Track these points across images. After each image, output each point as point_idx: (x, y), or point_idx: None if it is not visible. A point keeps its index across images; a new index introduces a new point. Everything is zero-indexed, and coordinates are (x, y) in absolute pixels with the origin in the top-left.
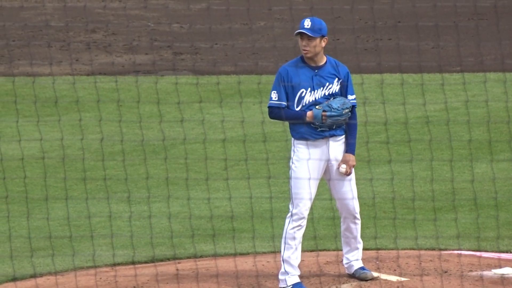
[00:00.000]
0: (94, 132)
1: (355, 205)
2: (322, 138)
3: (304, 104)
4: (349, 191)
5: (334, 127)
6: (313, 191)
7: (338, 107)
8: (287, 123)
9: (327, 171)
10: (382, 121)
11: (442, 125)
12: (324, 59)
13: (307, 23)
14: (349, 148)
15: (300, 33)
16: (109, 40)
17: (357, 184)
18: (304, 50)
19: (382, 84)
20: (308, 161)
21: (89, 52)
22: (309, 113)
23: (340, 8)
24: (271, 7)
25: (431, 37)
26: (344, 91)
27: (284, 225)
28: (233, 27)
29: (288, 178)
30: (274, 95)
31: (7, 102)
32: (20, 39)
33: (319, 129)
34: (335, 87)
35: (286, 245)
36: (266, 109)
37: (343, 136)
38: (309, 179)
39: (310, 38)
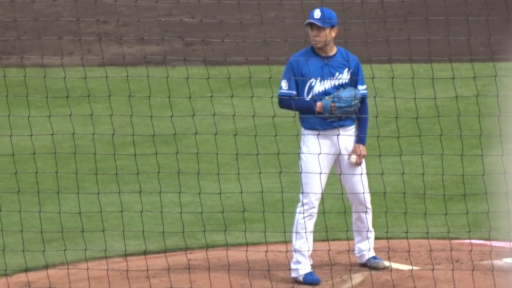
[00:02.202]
0: (106, 123)
1: (366, 196)
2: (332, 129)
3: (314, 94)
4: (359, 181)
5: (343, 118)
6: (323, 181)
7: (347, 97)
8: (298, 114)
9: (337, 162)
10: (392, 111)
11: (452, 115)
12: (335, 50)
13: (317, 13)
14: (360, 139)
15: (310, 23)
16: (121, 31)
17: (367, 173)
18: (314, 40)
19: (392, 74)
20: (318, 152)
21: (100, 43)
22: (318, 103)
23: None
24: (281, 1)
25: (441, 27)
26: (354, 82)
27: (294, 215)
28: (244, 18)
29: (299, 168)
30: (284, 85)
31: (18, 93)
32: (31, 30)
33: (329, 120)
34: (345, 77)
35: (298, 235)
36: (277, 99)
37: (353, 126)
38: (320, 172)
39: (319, 29)
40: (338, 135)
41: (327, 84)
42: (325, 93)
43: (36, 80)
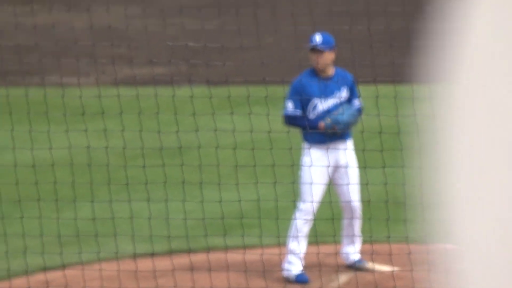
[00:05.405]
0: (117, 137)
1: (358, 205)
2: (331, 143)
3: (317, 114)
4: (355, 192)
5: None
6: (322, 188)
7: (347, 122)
8: (292, 130)
9: (334, 173)
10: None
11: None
12: (333, 70)
13: (318, 38)
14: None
15: (313, 48)
16: (132, 54)
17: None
18: (317, 63)
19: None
20: (318, 163)
21: (113, 65)
22: (321, 123)
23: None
24: (277, 28)
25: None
26: (351, 97)
27: (292, 219)
28: (243, 42)
29: (298, 177)
30: (290, 105)
31: (39, 111)
32: (52, 53)
33: (330, 135)
34: (345, 95)
35: (293, 238)
36: (273, 118)
37: (351, 139)
38: (320, 182)
39: (322, 52)
40: (338, 147)
41: (329, 103)
42: (328, 111)
43: (55, 98)
